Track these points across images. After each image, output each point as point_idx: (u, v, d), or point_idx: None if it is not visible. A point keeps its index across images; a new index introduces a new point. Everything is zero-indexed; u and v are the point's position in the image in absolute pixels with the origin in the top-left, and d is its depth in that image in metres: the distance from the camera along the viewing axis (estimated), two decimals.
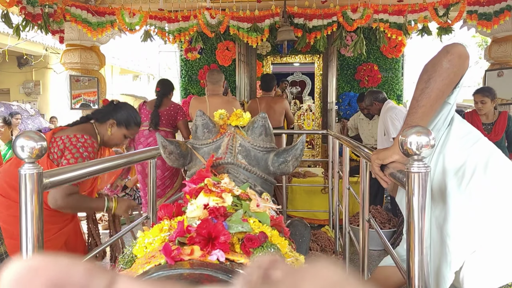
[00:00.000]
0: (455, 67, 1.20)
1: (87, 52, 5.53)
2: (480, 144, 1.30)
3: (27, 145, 0.96)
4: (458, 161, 1.28)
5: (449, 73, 1.20)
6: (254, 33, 5.01)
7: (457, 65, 1.20)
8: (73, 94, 5.46)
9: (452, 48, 1.22)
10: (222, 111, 1.42)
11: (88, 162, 1.30)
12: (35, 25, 4.66)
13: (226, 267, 0.80)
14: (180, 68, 6.91)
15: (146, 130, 3.95)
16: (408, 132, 0.94)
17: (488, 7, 4.82)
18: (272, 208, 1.14)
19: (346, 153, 2.72)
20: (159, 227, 0.97)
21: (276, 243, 0.94)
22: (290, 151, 1.31)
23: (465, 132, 1.32)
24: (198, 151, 1.37)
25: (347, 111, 6.46)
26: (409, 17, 5.04)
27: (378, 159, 1.30)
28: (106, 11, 5.12)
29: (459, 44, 1.25)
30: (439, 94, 1.20)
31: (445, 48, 1.23)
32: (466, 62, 1.23)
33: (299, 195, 4.85)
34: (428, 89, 1.20)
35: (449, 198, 1.26)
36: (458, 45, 1.24)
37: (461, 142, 1.30)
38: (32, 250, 1.03)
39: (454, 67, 1.20)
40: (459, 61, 1.21)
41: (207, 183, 1.06)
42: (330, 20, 5.02)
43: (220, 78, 4.02)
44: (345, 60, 6.54)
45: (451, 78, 1.20)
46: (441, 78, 1.20)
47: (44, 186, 1.02)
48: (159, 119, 3.93)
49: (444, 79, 1.20)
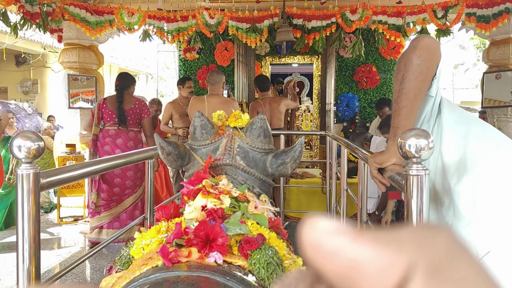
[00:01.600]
0: (427, 61, 1.18)
1: (86, 51, 5.52)
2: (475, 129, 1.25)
3: (24, 145, 0.95)
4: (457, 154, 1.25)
5: (421, 69, 1.17)
6: (253, 33, 5.01)
7: (428, 59, 1.18)
8: (71, 93, 5.44)
9: (418, 42, 1.19)
10: (221, 112, 1.42)
11: (86, 162, 1.29)
12: (34, 23, 4.64)
13: (224, 270, 0.79)
14: (178, 68, 6.90)
15: (112, 129, 3.78)
16: (407, 135, 0.93)
17: (486, 10, 4.83)
18: (270, 210, 1.14)
19: (344, 155, 2.72)
20: (157, 229, 0.96)
21: (274, 245, 0.93)
22: (289, 152, 1.31)
23: (456, 116, 1.29)
24: (196, 152, 1.37)
25: (345, 112, 6.47)
26: (408, 19, 5.05)
27: (375, 163, 1.30)
28: (104, 10, 5.10)
29: (426, 36, 1.22)
30: (416, 92, 1.18)
31: (412, 44, 1.20)
32: (437, 53, 1.20)
33: (297, 196, 4.85)
34: (404, 89, 1.18)
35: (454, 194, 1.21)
36: (424, 38, 1.21)
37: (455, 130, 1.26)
38: (29, 250, 1.02)
39: (425, 62, 1.17)
40: (429, 55, 1.18)
41: (205, 184, 1.06)
42: (329, 21, 5.02)
43: (219, 79, 4.01)
44: (343, 61, 6.54)
45: (425, 73, 1.18)
46: (415, 76, 1.17)
47: (41, 186, 1.02)
48: (126, 118, 3.78)
49: (418, 76, 1.17)
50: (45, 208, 5.59)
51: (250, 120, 1.39)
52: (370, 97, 6.56)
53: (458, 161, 1.22)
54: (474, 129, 1.25)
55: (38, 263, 1.04)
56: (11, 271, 3.50)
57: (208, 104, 3.89)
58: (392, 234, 0.18)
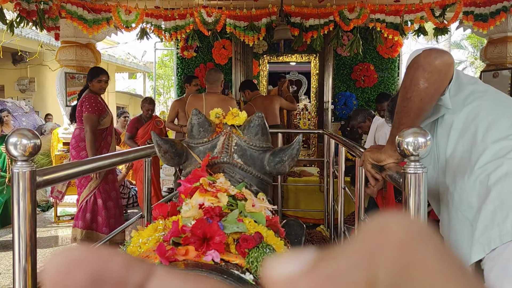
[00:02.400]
0: (435, 84, 1.11)
1: (83, 49, 5.49)
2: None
3: (20, 143, 0.94)
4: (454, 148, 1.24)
5: (428, 92, 1.12)
6: (251, 31, 5.01)
7: (437, 82, 1.11)
8: (68, 91, 5.42)
9: (429, 64, 1.10)
10: (218, 110, 1.41)
11: (82, 161, 1.29)
12: (30, 21, 4.62)
13: (221, 268, 0.79)
14: (176, 66, 6.89)
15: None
16: (405, 133, 0.93)
17: (484, 8, 4.83)
18: (268, 208, 1.13)
19: (342, 153, 2.72)
20: (154, 227, 0.96)
21: (272, 244, 0.93)
22: (287, 150, 1.30)
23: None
24: (193, 150, 1.36)
25: (343, 110, 6.47)
26: (406, 17, 5.05)
27: (371, 159, 1.32)
28: (102, 8, 5.08)
29: (438, 57, 1.10)
30: (418, 112, 1.15)
31: (422, 62, 1.11)
32: (448, 74, 1.13)
33: (295, 194, 4.85)
34: (406, 108, 1.15)
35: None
36: (436, 60, 1.10)
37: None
38: (25, 248, 1.02)
39: (433, 85, 1.11)
40: (439, 78, 1.11)
41: (203, 182, 1.06)
42: (327, 19, 5.02)
43: (217, 77, 4.01)
44: (341, 60, 6.54)
45: (431, 95, 1.13)
46: (419, 98, 1.13)
47: (37, 184, 1.01)
48: (74, 115, 3.69)
49: (423, 98, 1.12)
50: (42, 206, 5.58)
51: (248, 118, 1.38)
52: (368, 96, 6.57)
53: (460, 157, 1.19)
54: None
55: (34, 261, 1.04)
56: (7, 270, 3.49)
57: (206, 102, 3.89)
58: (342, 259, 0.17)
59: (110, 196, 3.72)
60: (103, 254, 0.18)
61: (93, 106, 3.52)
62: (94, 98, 3.57)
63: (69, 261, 0.18)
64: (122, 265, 0.18)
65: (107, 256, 0.18)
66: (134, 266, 0.18)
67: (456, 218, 1.20)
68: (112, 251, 0.18)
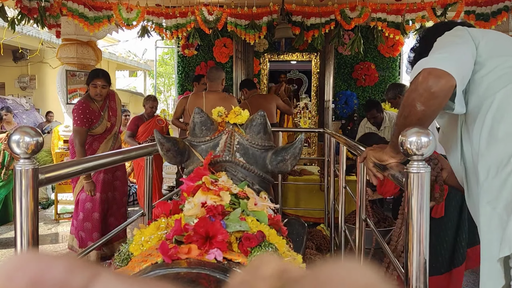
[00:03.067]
0: (432, 106, 1.12)
1: (84, 47, 5.48)
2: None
3: (23, 140, 0.94)
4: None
5: (425, 113, 1.13)
6: (252, 30, 5.00)
7: (435, 104, 1.11)
8: (69, 89, 5.42)
9: (424, 91, 1.10)
10: (221, 109, 1.41)
11: (85, 158, 1.29)
12: (31, 19, 4.62)
13: (224, 267, 0.79)
14: (177, 64, 6.89)
15: None
16: (408, 133, 0.93)
17: (486, 8, 4.82)
18: (270, 207, 1.13)
19: (343, 152, 2.72)
20: (156, 225, 0.96)
21: (274, 242, 0.93)
22: (289, 149, 1.30)
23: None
24: (195, 149, 1.36)
25: (344, 109, 6.46)
26: (407, 17, 5.04)
27: (374, 157, 1.33)
28: (103, 6, 5.08)
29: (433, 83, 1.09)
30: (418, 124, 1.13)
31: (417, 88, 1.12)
32: (448, 95, 1.11)
33: (295, 193, 4.85)
34: (405, 124, 1.14)
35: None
36: (430, 87, 1.09)
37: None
38: (27, 246, 1.02)
39: (431, 107, 1.12)
40: (437, 102, 1.11)
41: (205, 181, 1.06)
42: (328, 18, 5.02)
43: (219, 75, 4.00)
44: (342, 59, 6.54)
45: (429, 115, 1.14)
46: (416, 118, 1.14)
47: (39, 182, 1.01)
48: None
49: (421, 118, 1.13)
50: (42, 204, 5.58)
51: (250, 116, 1.38)
52: (369, 95, 6.56)
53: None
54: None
55: None
56: None
57: (206, 100, 3.89)
58: None
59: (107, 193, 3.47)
60: (45, 259, 0.19)
61: (81, 118, 3.22)
62: (84, 108, 3.26)
63: (11, 267, 0.18)
64: (64, 269, 0.18)
65: (49, 261, 0.18)
66: (77, 269, 0.18)
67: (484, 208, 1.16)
68: (56, 256, 0.19)
